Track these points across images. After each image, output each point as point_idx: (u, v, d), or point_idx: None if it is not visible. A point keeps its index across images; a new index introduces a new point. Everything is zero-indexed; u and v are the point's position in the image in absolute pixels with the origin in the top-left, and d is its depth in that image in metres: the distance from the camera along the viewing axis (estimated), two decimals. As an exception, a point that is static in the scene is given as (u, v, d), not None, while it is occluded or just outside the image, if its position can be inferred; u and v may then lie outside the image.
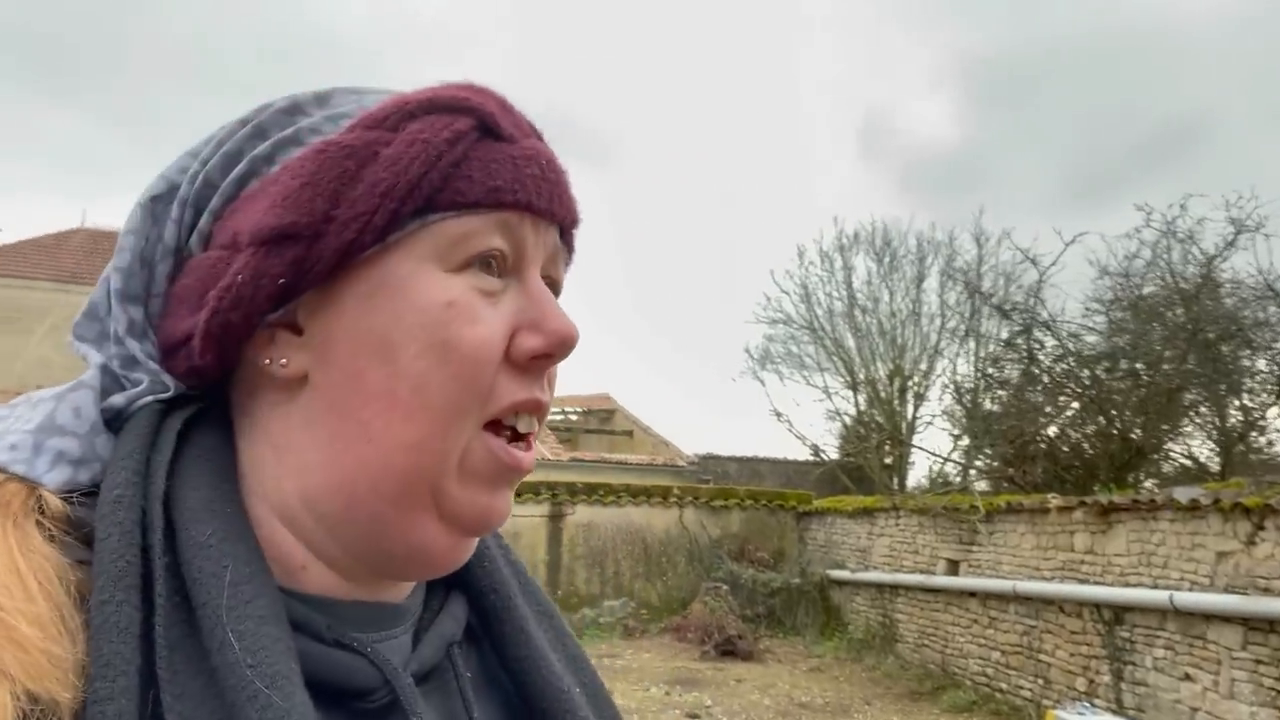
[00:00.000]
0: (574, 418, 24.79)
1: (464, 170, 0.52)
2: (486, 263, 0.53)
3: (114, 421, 0.53)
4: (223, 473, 0.51)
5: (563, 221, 0.57)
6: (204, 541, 0.47)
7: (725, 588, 12.49)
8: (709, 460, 20.35)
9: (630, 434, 23.48)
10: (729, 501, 14.18)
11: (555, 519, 13.11)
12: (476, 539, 0.57)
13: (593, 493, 13.42)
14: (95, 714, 0.40)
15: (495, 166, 0.53)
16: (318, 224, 0.50)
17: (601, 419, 24.77)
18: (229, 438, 0.54)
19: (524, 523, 12.83)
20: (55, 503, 0.48)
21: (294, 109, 0.55)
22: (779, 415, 19.15)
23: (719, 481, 17.30)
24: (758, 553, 13.72)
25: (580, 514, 13.26)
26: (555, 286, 0.59)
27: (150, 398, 0.53)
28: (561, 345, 0.54)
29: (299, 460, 0.52)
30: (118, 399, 0.53)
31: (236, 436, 0.54)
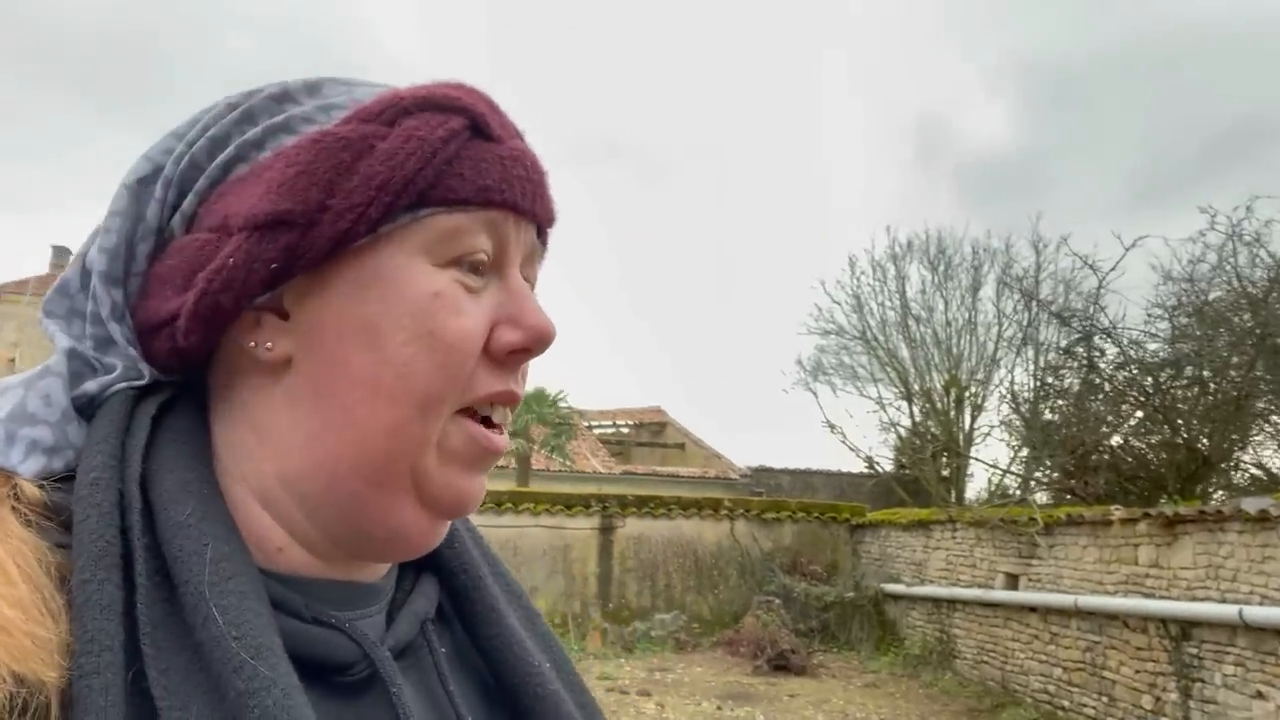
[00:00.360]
0: (626, 431, 24.82)
1: (456, 168, 0.54)
2: (472, 259, 0.55)
3: (86, 408, 0.53)
4: (198, 455, 0.53)
5: (542, 221, 0.60)
6: (183, 521, 0.48)
7: (778, 601, 12.35)
8: (761, 473, 20.20)
9: (682, 447, 23.43)
10: (781, 514, 14.03)
11: (606, 531, 13.10)
12: (449, 522, 0.59)
13: (643, 505, 13.39)
14: (82, 689, 0.41)
15: (485, 166, 0.55)
16: (312, 212, 0.52)
17: (653, 432, 24.75)
18: (203, 421, 0.55)
19: (574, 535, 12.86)
20: (31, 489, 0.49)
21: (284, 96, 0.56)
22: (832, 427, 18.82)
23: (772, 494, 17.17)
24: (810, 566, 13.54)
25: (631, 527, 13.22)
26: (532, 284, 0.60)
27: (124, 384, 0.54)
28: (538, 341, 0.56)
29: (280, 442, 0.53)
30: (90, 385, 0.54)
31: (212, 420, 0.55)
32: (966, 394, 17.85)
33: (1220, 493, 11.87)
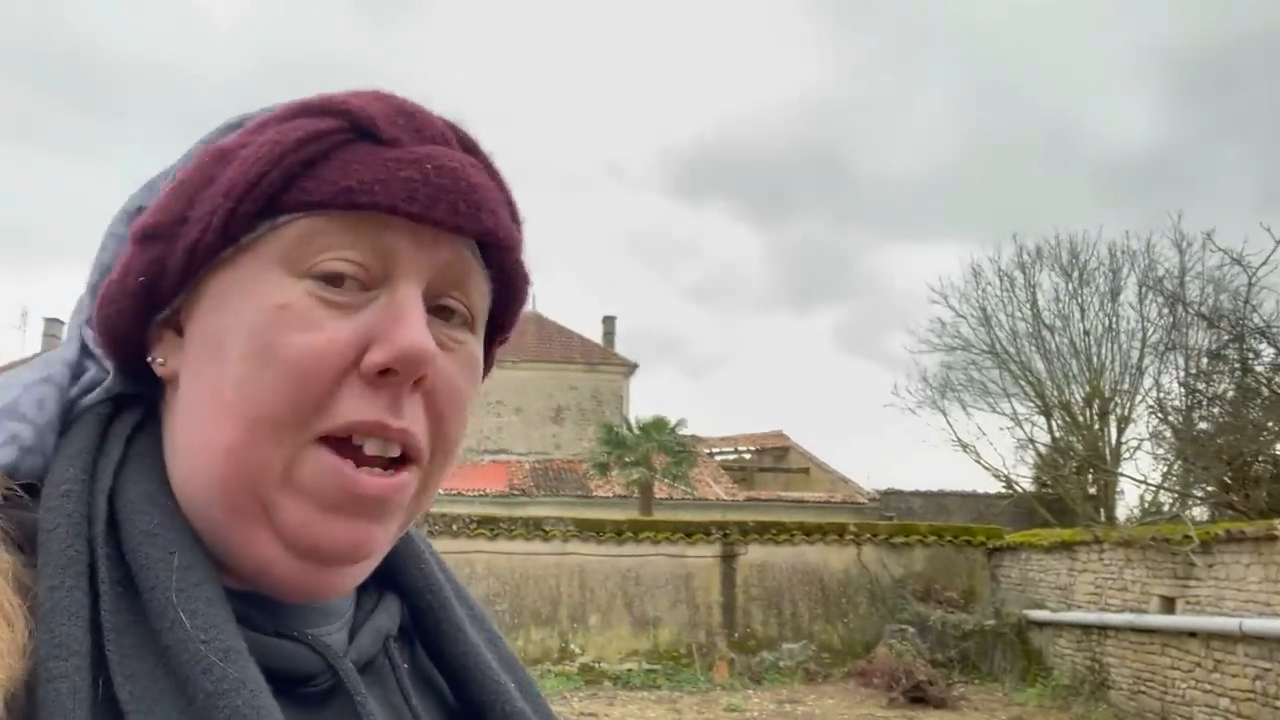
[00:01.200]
0: (748, 456, 24.60)
1: (316, 171, 0.51)
2: (333, 275, 0.50)
3: (65, 415, 0.56)
4: (162, 469, 0.53)
5: (464, 232, 0.53)
6: (149, 530, 0.49)
7: (912, 630, 11.88)
8: (891, 496, 19.63)
9: (806, 471, 23.03)
10: (910, 538, 13.53)
11: (728, 559, 12.95)
12: (350, 571, 0.53)
13: (765, 531, 13.18)
14: (50, 692, 0.41)
15: (356, 167, 0.51)
16: (174, 224, 0.52)
17: (776, 457, 24.44)
18: None
19: (696, 564, 12.77)
20: None
21: (240, 122, 0.57)
22: (964, 446, 18.14)
23: (903, 517, 16.61)
24: (945, 592, 12.98)
25: (753, 554, 13.01)
26: (472, 310, 0.56)
27: (99, 394, 0.56)
28: (401, 359, 0.49)
29: (172, 461, 0.53)
30: (73, 392, 0.56)
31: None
32: (1111, 405, 16.86)
33: None
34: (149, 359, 0.55)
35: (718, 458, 24.31)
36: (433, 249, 0.52)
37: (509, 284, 0.59)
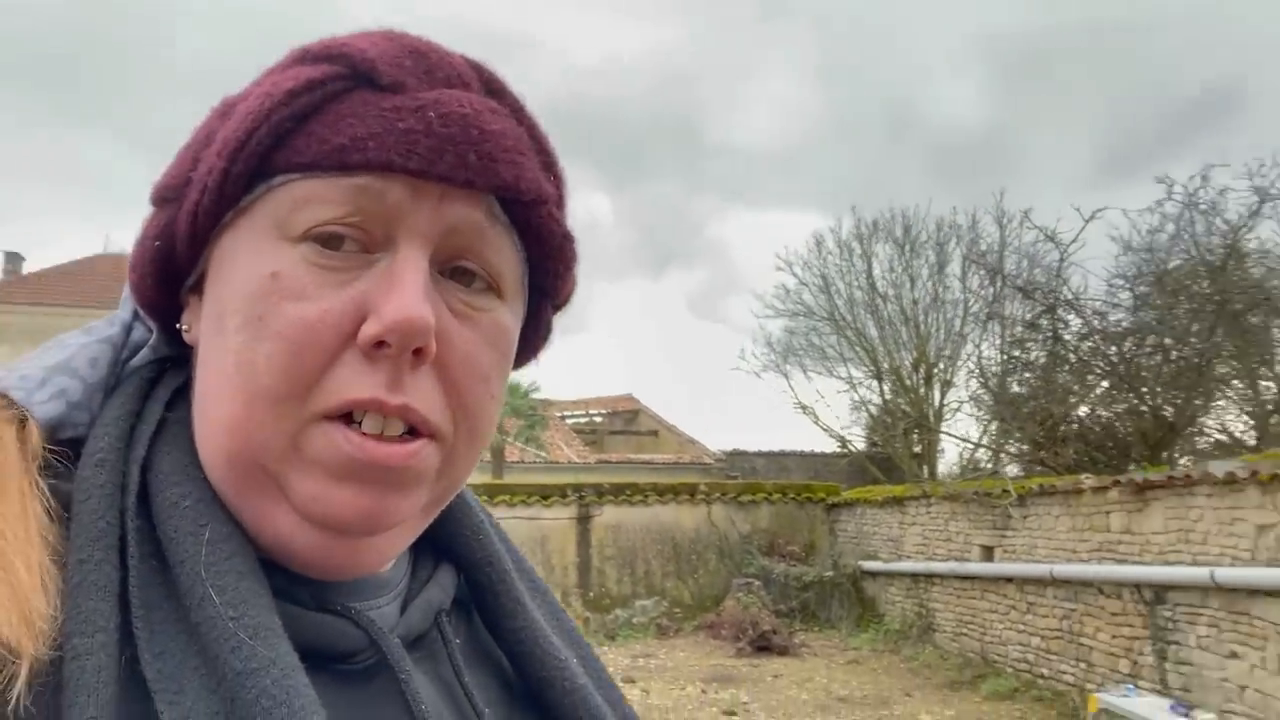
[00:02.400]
0: (599, 420, 24.82)
1: (308, 126, 0.47)
2: (329, 236, 0.46)
3: (111, 376, 0.55)
4: (194, 439, 0.51)
5: (476, 186, 0.48)
6: (179, 502, 0.47)
7: (757, 583, 12.43)
8: (735, 456, 20.30)
9: (655, 434, 23.48)
10: (757, 496, 14.12)
11: (583, 521, 13.09)
12: (374, 543, 0.50)
13: (620, 493, 13.40)
14: (74, 669, 0.40)
15: (350, 121, 0.46)
16: (181, 186, 0.50)
17: (626, 420, 24.79)
18: None
19: (552, 525, 12.84)
20: (36, 443, 0.48)
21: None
22: (804, 408, 19.03)
23: (746, 477, 17.26)
24: (788, 547, 13.65)
25: (608, 515, 13.22)
26: (486, 268, 0.50)
27: (145, 355, 0.56)
28: (394, 330, 0.45)
29: (195, 431, 0.52)
30: (123, 353, 0.56)
31: None
32: (935, 370, 18.07)
33: (1185, 458, 12.13)
34: (178, 325, 0.54)
35: (569, 421, 24.42)
36: (438, 207, 0.47)
37: (543, 242, 0.53)
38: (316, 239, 0.46)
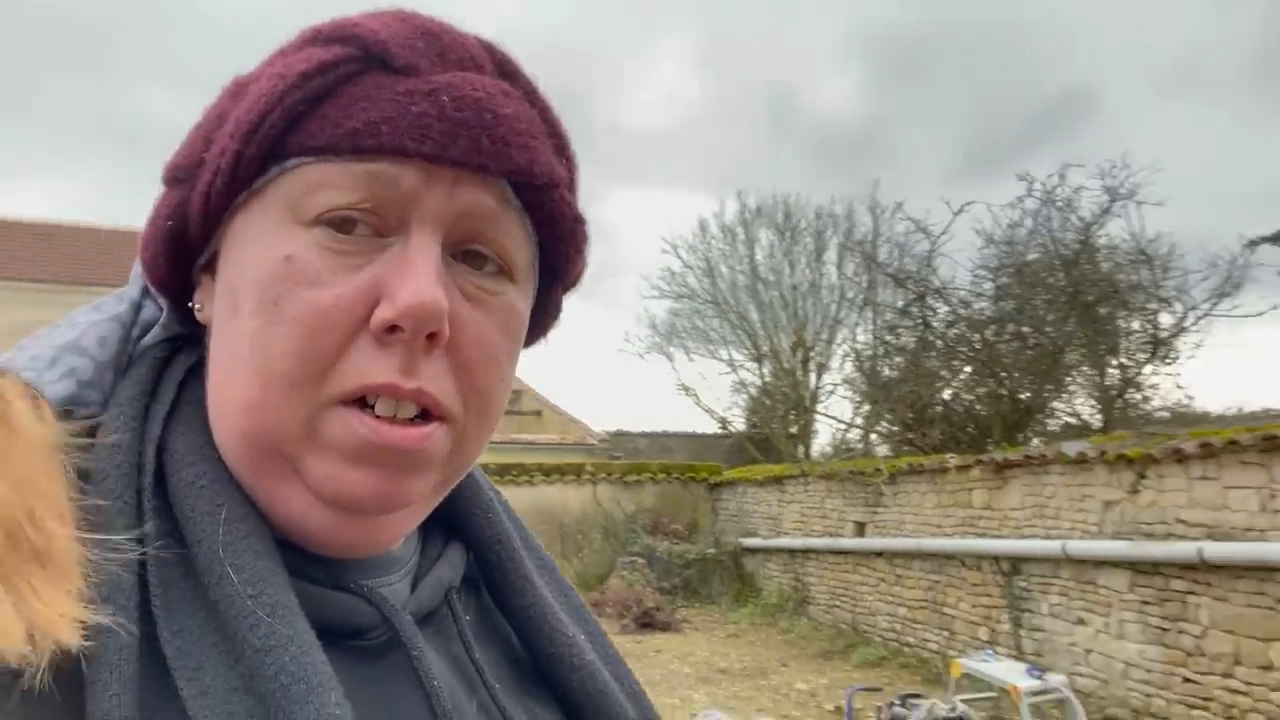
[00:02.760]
0: (481, 400, 24.50)
1: (321, 109, 0.47)
2: (343, 220, 0.47)
3: (122, 355, 0.55)
4: (208, 419, 0.51)
5: (489, 171, 0.48)
6: (195, 482, 0.48)
7: (642, 561, 12.63)
8: (619, 437, 20.49)
9: (539, 414, 23.38)
10: (642, 476, 14.32)
11: (468, 502, 12.95)
12: (387, 523, 0.50)
13: (505, 473, 13.34)
14: (96, 646, 0.40)
15: (364, 104, 0.46)
16: (194, 166, 0.50)
17: (510, 400, 24.56)
18: None
19: (436, 508, 12.65)
20: (50, 420, 0.48)
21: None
22: (686, 390, 19.38)
23: (630, 457, 17.45)
24: (672, 525, 13.92)
25: (494, 496, 13.12)
26: (499, 253, 0.50)
27: (156, 333, 0.55)
28: (406, 315, 0.45)
29: (209, 411, 0.52)
30: (135, 332, 0.55)
31: None
32: (812, 354, 18.69)
33: (1037, 439, 12.99)
34: (190, 304, 0.54)
35: (449, 400, 23.96)
36: (451, 192, 0.47)
37: (555, 225, 0.53)
38: (330, 223, 0.46)
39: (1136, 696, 6.51)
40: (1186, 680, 6.11)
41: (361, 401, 0.47)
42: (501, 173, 0.48)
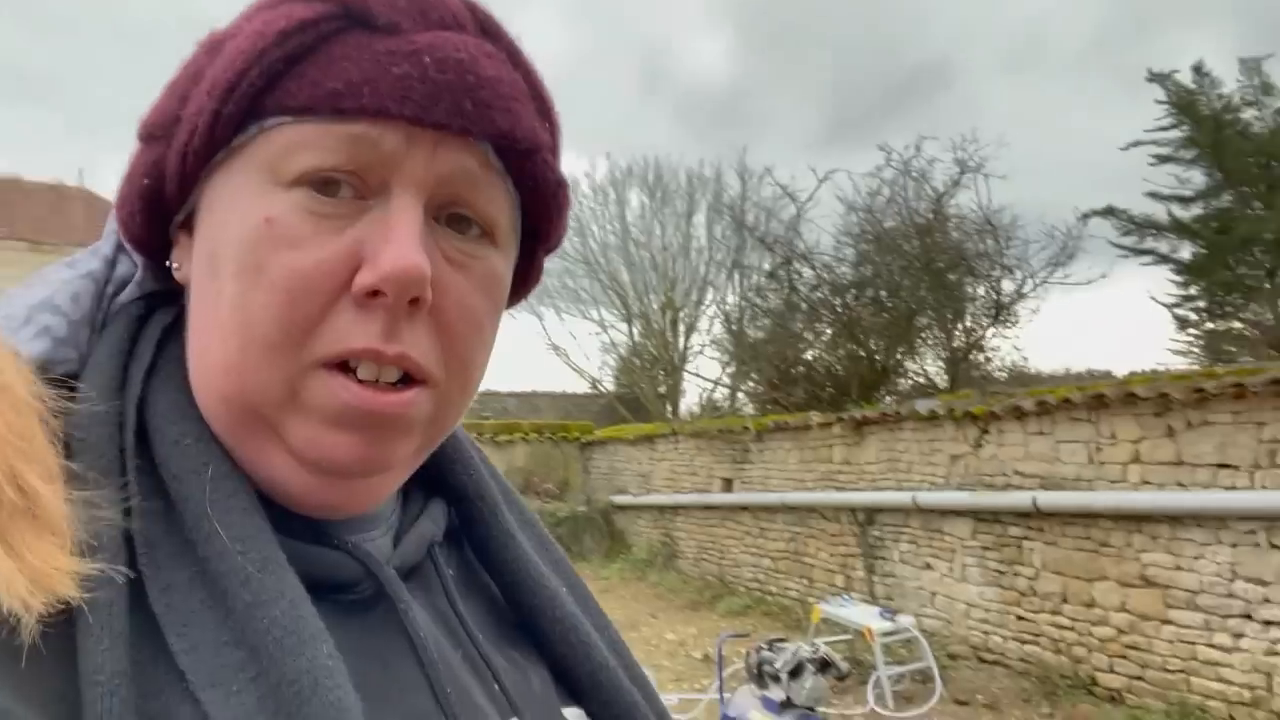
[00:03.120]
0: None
1: (301, 68, 0.46)
2: (325, 181, 0.46)
3: (96, 311, 0.54)
4: (189, 378, 0.51)
5: (472, 134, 0.47)
6: (179, 441, 0.47)
7: (512, 520, 12.63)
8: (487, 397, 20.29)
9: (406, 373, 22.87)
10: (514, 436, 14.31)
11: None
12: (369, 484, 0.51)
13: (373, 435, 13.03)
14: (86, 604, 0.39)
15: (344, 64, 0.45)
16: (169, 124, 0.49)
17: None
18: None
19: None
20: (29, 378, 0.47)
21: None
22: (557, 349, 19.40)
23: (498, 416, 17.34)
24: (544, 484, 14.00)
25: (360, 457, 12.82)
26: (480, 218, 0.50)
27: (131, 291, 0.55)
28: (389, 280, 0.44)
29: (189, 370, 0.51)
30: (109, 288, 0.55)
31: None
32: (681, 315, 19.04)
33: (891, 398, 13.73)
34: (168, 263, 0.53)
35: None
36: (434, 155, 0.47)
37: (537, 189, 0.53)
38: (311, 184, 0.46)
39: (976, 634, 7.08)
40: (1020, 618, 6.70)
41: (344, 365, 0.46)
42: (484, 136, 0.48)
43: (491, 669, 0.55)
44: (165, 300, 0.55)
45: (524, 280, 0.59)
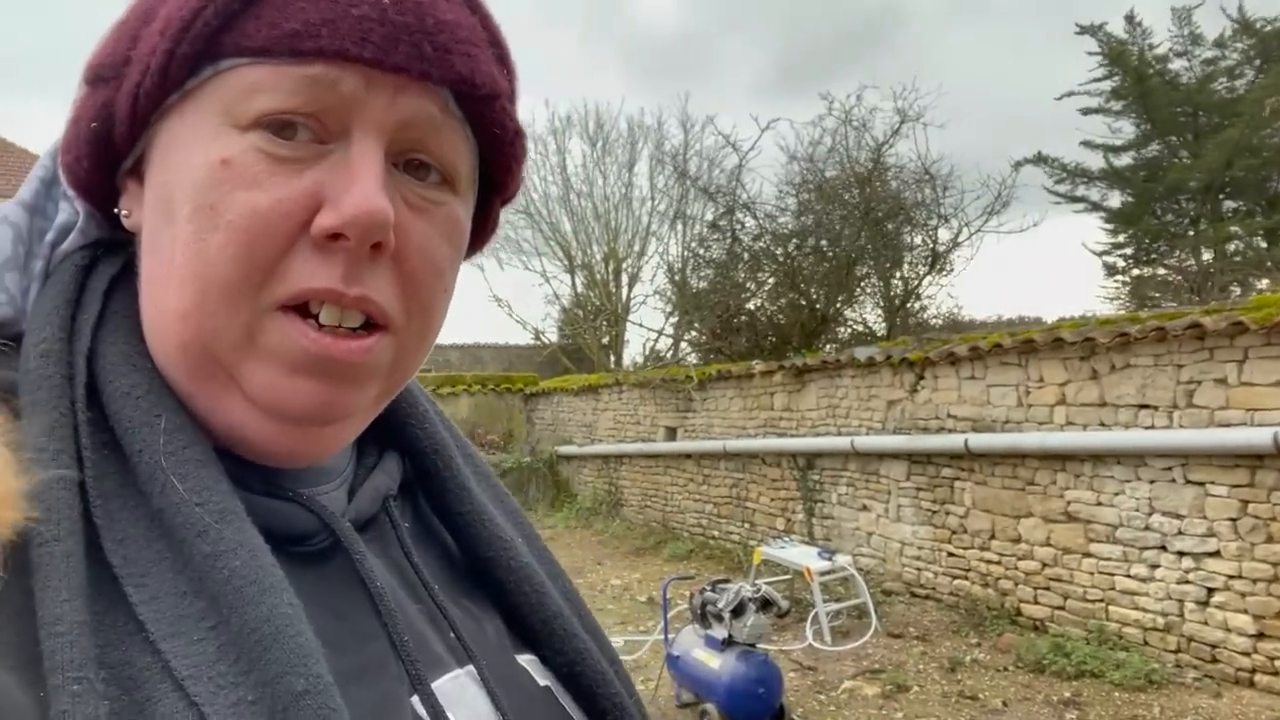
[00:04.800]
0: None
1: (257, 8, 0.45)
2: (282, 124, 0.45)
3: (30, 261, 0.53)
4: (140, 328, 0.50)
5: (431, 79, 0.47)
6: (130, 392, 0.46)
7: (457, 472, 12.62)
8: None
9: (345, 326, 22.51)
10: (457, 389, 14.23)
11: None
12: (327, 433, 0.50)
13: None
14: (43, 555, 0.39)
15: (302, 5, 0.45)
16: (119, 65, 0.48)
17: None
18: None
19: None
20: None
21: None
22: (499, 301, 19.22)
23: (440, 369, 17.22)
24: (488, 436, 13.99)
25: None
26: (441, 163, 0.50)
27: (74, 239, 0.53)
28: (352, 223, 0.44)
29: (143, 319, 0.51)
30: (50, 236, 0.53)
31: None
32: (624, 265, 19.00)
33: (831, 345, 13.97)
34: (116, 210, 0.52)
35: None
36: (394, 99, 0.46)
37: (496, 137, 0.52)
38: (268, 127, 0.45)
39: (910, 571, 7.34)
40: (950, 555, 6.96)
41: (303, 310, 0.46)
42: (444, 81, 0.47)
43: (448, 618, 0.55)
44: (110, 250, 0.54)
45: (481, 231, 0.58)
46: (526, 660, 0.59)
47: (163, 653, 0.40)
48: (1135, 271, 18.43)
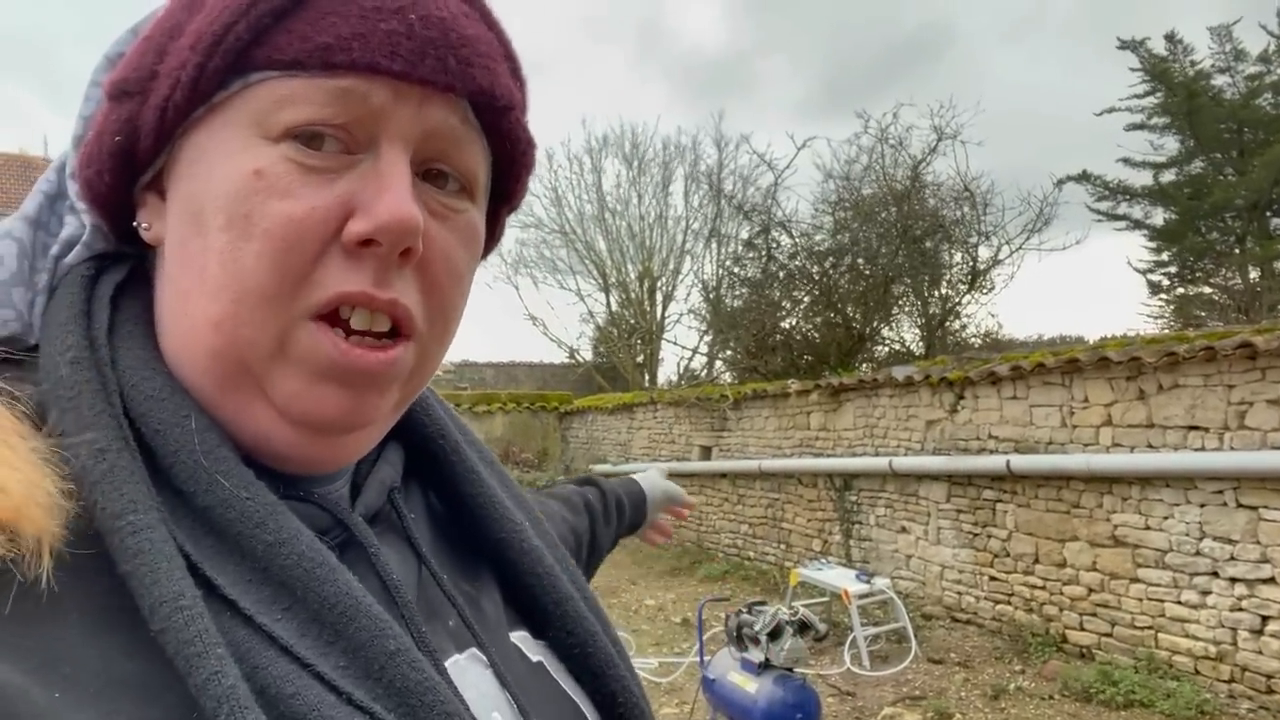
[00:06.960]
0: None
1: (288, 23, 0.46)
2: (311, 135, 0.47)
3: (34, 275, 0.54)
4: (152, 336, 0.51)
5: (455, 91, 0.49)
6: (155, 395, 0.47)
7: (492, 490, 12.65)
8: (465, 368, 20.24)
9: (382, 344, 22.76)
10: (492, 406, 14.29)
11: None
12: (351, 440, 0.52)
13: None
14: (141, 542, 0.40)
15: (332, 19, 0.46)
16: (145, 80, 0.49)
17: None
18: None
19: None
20: None
21: None
22: (534, 319, 19.33)
23: (476, 388, 17.33)
24: (522, 454, 14.02)
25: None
26: (462, 173, 0.52)
27: (80, 251, 0.53)
28: (385, 230, 0.46)
29: (163, 330, 0.52)
30: (55, 249, 0.54)
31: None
32: (659, 284, 19.02)
33: (867, 365, 13.83)
34: (135, 224, 0.53)
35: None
36: (420, 110, 0.48)
37: (509, 147, 0.55)
38: (298, 138, 0.46)
39: (950, 595, 7.19)
40: (993, 579, 6.81)
41: (334, 316, 0.47)
42: (466, 93, 0.49)
43: (456, 606, 0.57)
44: (114, 261, 0.54)
45: (487, 239, 0.59)
46: (518, 638, 0.61)
47: (262, 625, 0.43)
48: (1180, 290, 18.07)
